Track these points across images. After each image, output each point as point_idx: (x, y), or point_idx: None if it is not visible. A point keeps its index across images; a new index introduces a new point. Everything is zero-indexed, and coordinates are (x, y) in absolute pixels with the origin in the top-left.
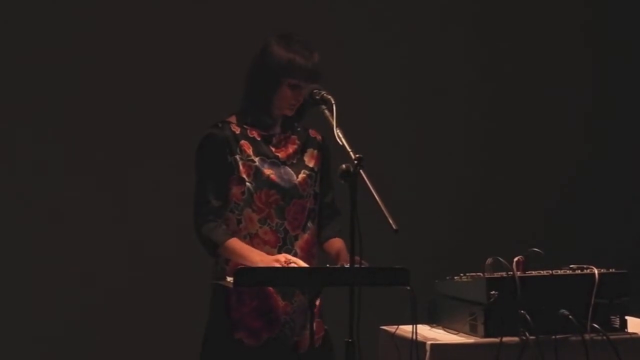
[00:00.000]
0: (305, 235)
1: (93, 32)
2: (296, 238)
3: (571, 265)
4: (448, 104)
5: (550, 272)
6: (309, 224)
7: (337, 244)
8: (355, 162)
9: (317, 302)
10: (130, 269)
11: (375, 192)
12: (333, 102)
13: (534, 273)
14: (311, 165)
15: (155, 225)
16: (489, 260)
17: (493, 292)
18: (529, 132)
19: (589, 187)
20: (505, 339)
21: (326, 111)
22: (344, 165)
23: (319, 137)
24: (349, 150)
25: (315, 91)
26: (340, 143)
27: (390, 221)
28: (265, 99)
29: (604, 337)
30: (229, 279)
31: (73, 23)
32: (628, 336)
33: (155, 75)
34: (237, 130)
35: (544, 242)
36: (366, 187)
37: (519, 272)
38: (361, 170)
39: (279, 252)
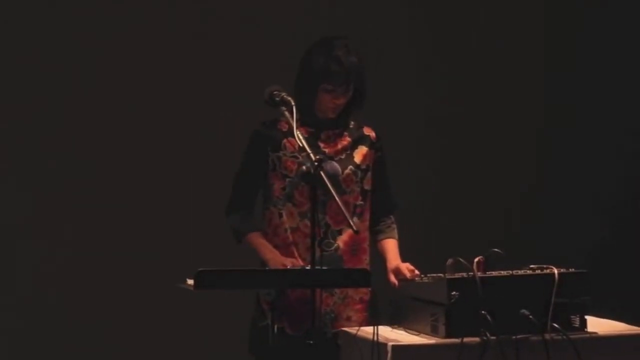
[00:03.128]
0: (350, 231)
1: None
2: (340, 233)
3: (531, 266)
4: (408, 105)
5: (511, 272)
6: (355, 220)
7: (387, 245)
8: (316, 163)
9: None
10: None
11: (335, 194)
12: (293, 103)
13: (494, 273)
14: (358, 161)
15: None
16: (450, 261)
17: (454, 293)
18: (490, 132)
19: (549, 188)
20: (466, 339)
21: (286, 112)
22: (304, 167)
23: (372, 135)
24: (309, 151)
25: (275, 92)
26: (300, 145)
27: (351, 223)
28: (307, 103)
29: (564, 337)
30: (189, 281)
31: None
32: (588, 336)
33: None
34: (285, 128)
35: (504, 242)
36: (326, 188)
37: (479, 273)
38: (321, 172)
39: (319, 245)
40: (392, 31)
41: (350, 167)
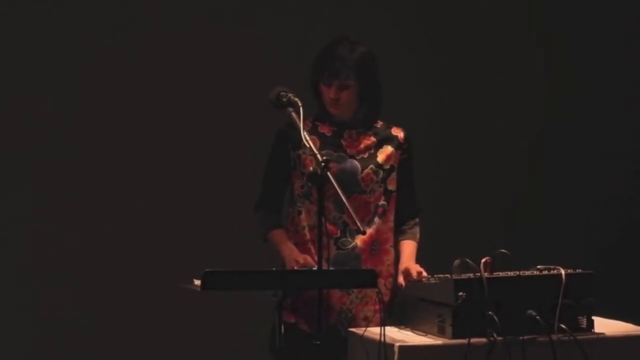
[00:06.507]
0: (370, 230)
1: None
2: (359, 231)
3: (538, 266)
4: (407, 107)
5: (518, 273)
6: (376, 220)
7: (404, 247)
8: (323, 165)
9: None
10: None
11: (343, 195)
12: (300, 104)
13: (501, 274)
14: (381, 161)
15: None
16: (457, 262)
17: (461, 294)
18: (490, 133)
19: (552, 188)
20: (473, 340)
21: (293, 114)
22: (311, 168)
23: (401, 135)
24: (317, 153)
25: (282, 93)
26: (308, 146)
27: (358, 223)
28: (316, 97)
29: (571, 338)
30: (197, 282)
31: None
32: (595, 336)
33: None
34: (307, 127)
35: (510, 243)
36: (334, 190)
37: (486, 274)
38: (328, 173)
39: (336, 244)
40: (391, 33)
41: (372, 166)
